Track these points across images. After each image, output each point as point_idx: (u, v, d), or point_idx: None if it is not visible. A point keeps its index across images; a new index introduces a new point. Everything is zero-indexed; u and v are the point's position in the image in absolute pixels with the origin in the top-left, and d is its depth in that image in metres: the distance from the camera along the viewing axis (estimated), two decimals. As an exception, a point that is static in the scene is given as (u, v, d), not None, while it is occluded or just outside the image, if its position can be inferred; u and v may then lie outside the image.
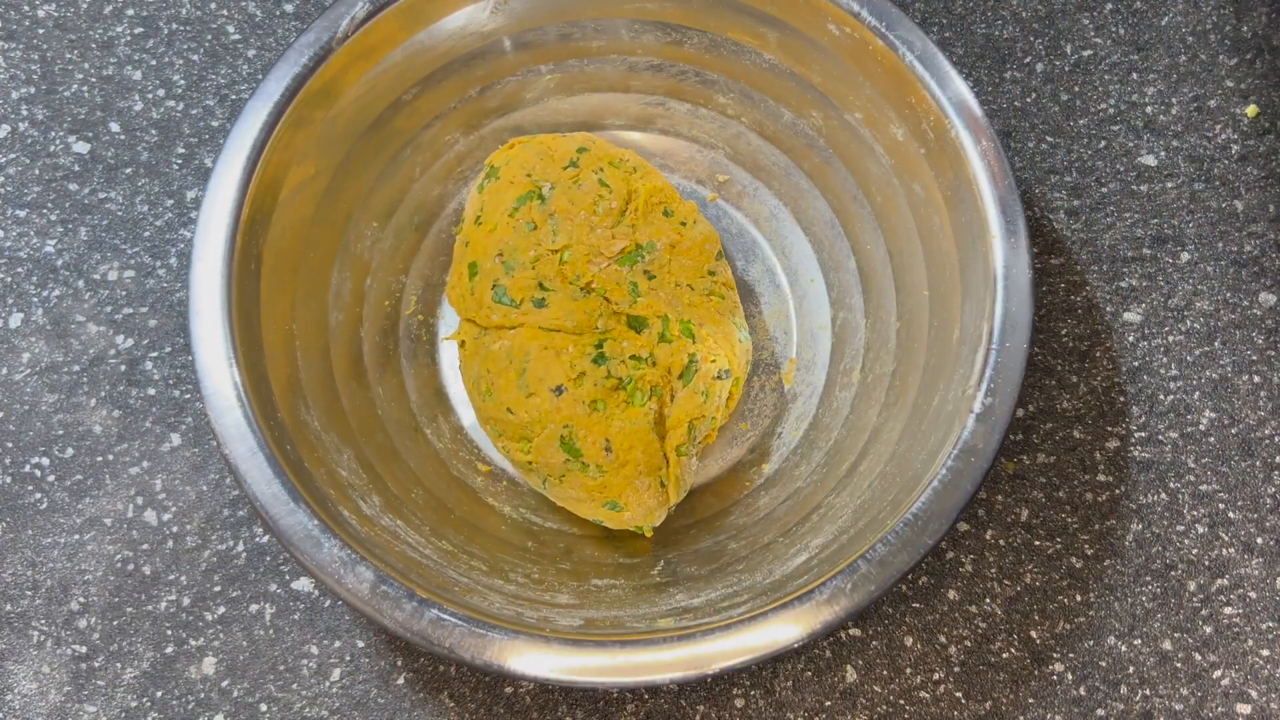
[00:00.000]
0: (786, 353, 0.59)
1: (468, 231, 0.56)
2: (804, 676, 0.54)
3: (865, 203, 0.57)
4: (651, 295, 0.54)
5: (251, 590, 0.55)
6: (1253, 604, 0.55)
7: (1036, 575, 0.55)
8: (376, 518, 0.50)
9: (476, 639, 0.45)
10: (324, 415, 0.53)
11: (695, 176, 0.62)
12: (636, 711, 0.53)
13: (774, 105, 0.59)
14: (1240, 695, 0.53)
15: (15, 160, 0.62)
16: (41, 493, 0.57)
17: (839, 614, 0.45)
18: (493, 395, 0.53)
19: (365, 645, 0.55)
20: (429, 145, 0.59)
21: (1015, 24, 0.65)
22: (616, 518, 0.53)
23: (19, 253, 0.61)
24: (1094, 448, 0.57)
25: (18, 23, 0.65)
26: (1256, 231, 0.60)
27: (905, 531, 0.46)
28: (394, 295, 0.59)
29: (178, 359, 0.59)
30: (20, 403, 0.58)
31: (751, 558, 0.52)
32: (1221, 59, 0.63)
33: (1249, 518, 0.56)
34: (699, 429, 0.54)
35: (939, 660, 0.54)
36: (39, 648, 0.54)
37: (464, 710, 0.54)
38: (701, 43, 0.58)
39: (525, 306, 0.53)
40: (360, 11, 0.53)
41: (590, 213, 0.54)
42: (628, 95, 0.61)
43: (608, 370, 0.52)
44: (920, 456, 0.49)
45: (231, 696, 0.54)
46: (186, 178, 0.62)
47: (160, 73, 0.64)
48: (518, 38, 0.58)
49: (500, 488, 0.57)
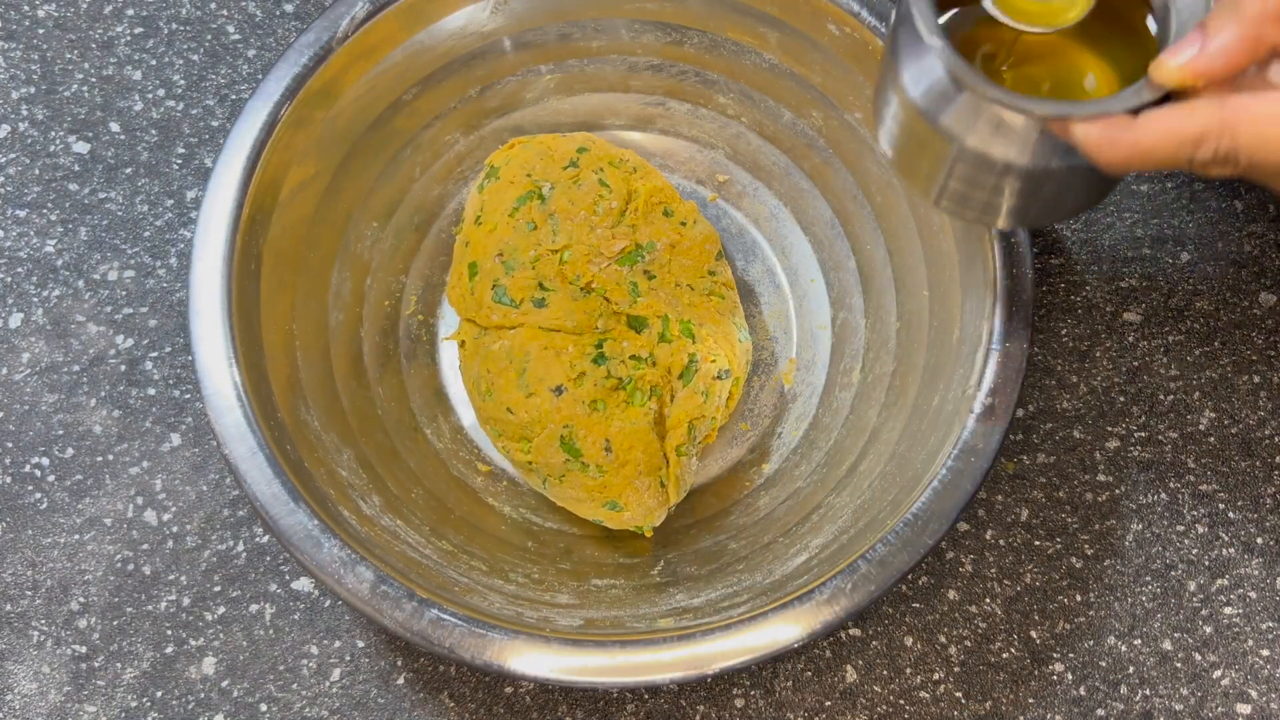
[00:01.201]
0: (786, 353, 0.59)
1: (468, 231, 0.56)
2: (804, 676, 0.54)
3: (865, 203, 0.57)
4: (651, 295, 0.54)
5: (251, 590, 0.55)
6: (1253, 604, 0.55)
7: (1036, 575, 0.55)
8: (376, 518, 0.50)
9: (476, 639, 0.45)
10: (324, 415, 0.53)
11: (695, 176, 0.62)
12: (636, 711, 0.53)
13: (774, 105, 0.59)
14: (1240, 695, 0.53)
15: (15, 160, 0.62)
16: (41, 493, 0.57)
17: (839, 614, 0.45)
18: (493, 395, 0.53)
19: (365, 645, 0.55)
20: (429, 145, 0.59)
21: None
22: (616, 518, 0.53)
23: (19, 253, 0.61)
24: (1094, 448, 0.57)
25: (18, 23, 0.65)
26: (1256, 231, 0.60)
27: (905, 531, 0.46)
28: (394, 295, 0.59)
29: (178, 359, 0.59)
30: (20, 403, 0.58)
31: (751, 558, 0.52)
32: (1221, 59, 0.63)
33: (1249, 518, 0.56)
34: (699, 429, 0.54)
35: (939, 660, 0.54)
36: (39, 648, 0.54)
37: (464, 710, 0.54)
38: (701, 43, 0.58)
39: (525, 306, 0.53)
40: (360, 11, 0.53)
41: (590, 213, 0.54)
42: (628, 95, 0.61)
43: (608, 370, 0.52)
44: (920, 456, 0.49)
45: (231, 696, 0.54)
46: (186, 178, 0.62)
47: (160, 73, 0.64)
48: (518, 38, 0.58)
49: (500, 488, 0.57)
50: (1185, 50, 0.36)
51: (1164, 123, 0.36)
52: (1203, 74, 0.36)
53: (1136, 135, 0.36)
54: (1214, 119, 0.35)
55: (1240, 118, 0.35)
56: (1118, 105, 0.37)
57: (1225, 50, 0.35)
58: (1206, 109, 0.35)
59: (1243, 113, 0.35)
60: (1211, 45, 0.35)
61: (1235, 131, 0.35)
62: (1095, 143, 0.37)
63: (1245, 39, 0.35)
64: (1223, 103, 0.35)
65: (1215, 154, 0.36)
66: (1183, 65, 0.36)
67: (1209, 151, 0.36)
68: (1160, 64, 0.36)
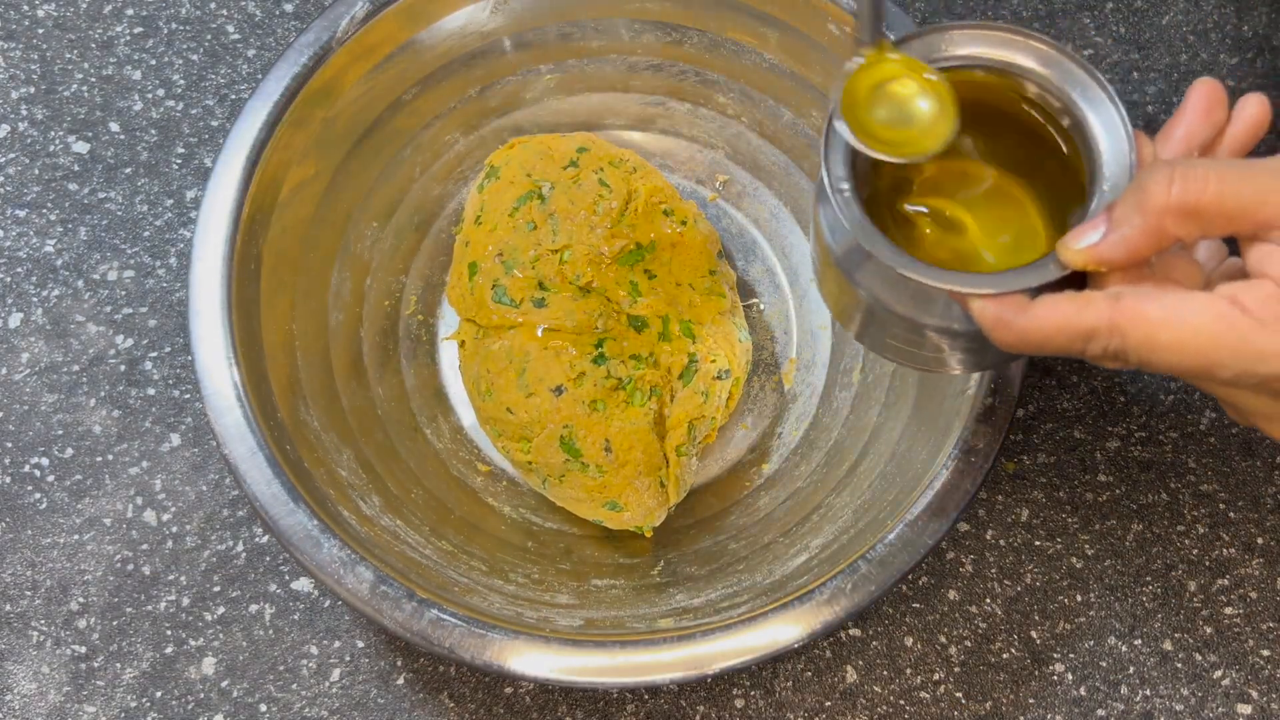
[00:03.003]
0: (786, 353, 0.59)
1: (468, 231, 0.56)
2: (804, 676, 0.54)
3: (865, 202, 0.57)
4: (651, 295, 0.54)
5: (251, 590, 0.55)
6: (1253, 604, 0.55)
7: (1037, 575, 0.55)
8: (376, 518, 0.50)
9: (476, 639, 0.45)
10: (324, 415, 0.53)
11: (695, 176, 0.62)
12: (636, 711, 0.53)
13: (774, 105, 0.59)
14: (1241, 695, 0.53)
15: (15, 160, 0.62)
16: (41, 493, 0.57)
17: (839, 614, 0.45)
18: (492, 395, 0.53)
19: (365, 645, 0.55)
20: (429, 145, 0.59)
21: (1016, 23, 0.65)
22: (616, 518, 0.53)
23: (19, 252, 0.61)
24: (1094, 448, 0.57)
25: (17, 23, 0.65)
26: (1257, 231, 0.60)
27: (905, 531, 0.46)
28: (394, 295, 0.59)
29: (177, 359, 0.59)
30: (20, 403, 0.58)
31: (751, 558, 0.52)
32: (1223, 58, 0.63)
33: (1249, 518, 0.56)
34: (699, 429, 0.54)
35: (939, 660, 0.54)
36: (38, 648, 0.54)
37: (464, 710, 0.54)
38: (701, 43, 0.58)
39: (525, 306, 0.53)
40: (360, 11, 0.53)
41: (590, 212, 0.54)
42: (628, 95, 0.61)
43: (608, 370, 0.52)
44: (920, 456, 0.49)
45: (231, 697, 0.54)
46: (186, 177, 0.62)
47: (160, 72, 0.64)
48: (518, 38, 0.58)
49: (500, 488, 0.57)
50: (1089, 234, 0.36)
51: (1057, 315, 0.35)
52: (1105, 261, 0.35)
53: (1028, 323, 0.36)
54: (1104, 317, 0.35)
55: (1130, 318, 0.34)
56: (1018, 282, 0.36)
57: (1127, 240, 0.35)
58: (1100, 304, 0.35)
59: (1133, 314, 0.34)
60: (1113, 235, 0.35)
61: (1125, 332, 0.35)
62: (990, 323, 0.36)
63: (1147, 230, 0.35)
64: (1117, 300, 0.35)
65: (1105, 350, 0.35)
66: (1084, 251, 0.36)
67: (1099, 347, 0.35)
68: (1065, 245, 0.36)
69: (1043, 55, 0.39)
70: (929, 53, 0.40)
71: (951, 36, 0.40)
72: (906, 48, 0.39)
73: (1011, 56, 0.39)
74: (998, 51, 0.40)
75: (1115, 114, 0.38)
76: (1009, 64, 0.39)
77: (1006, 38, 0.39)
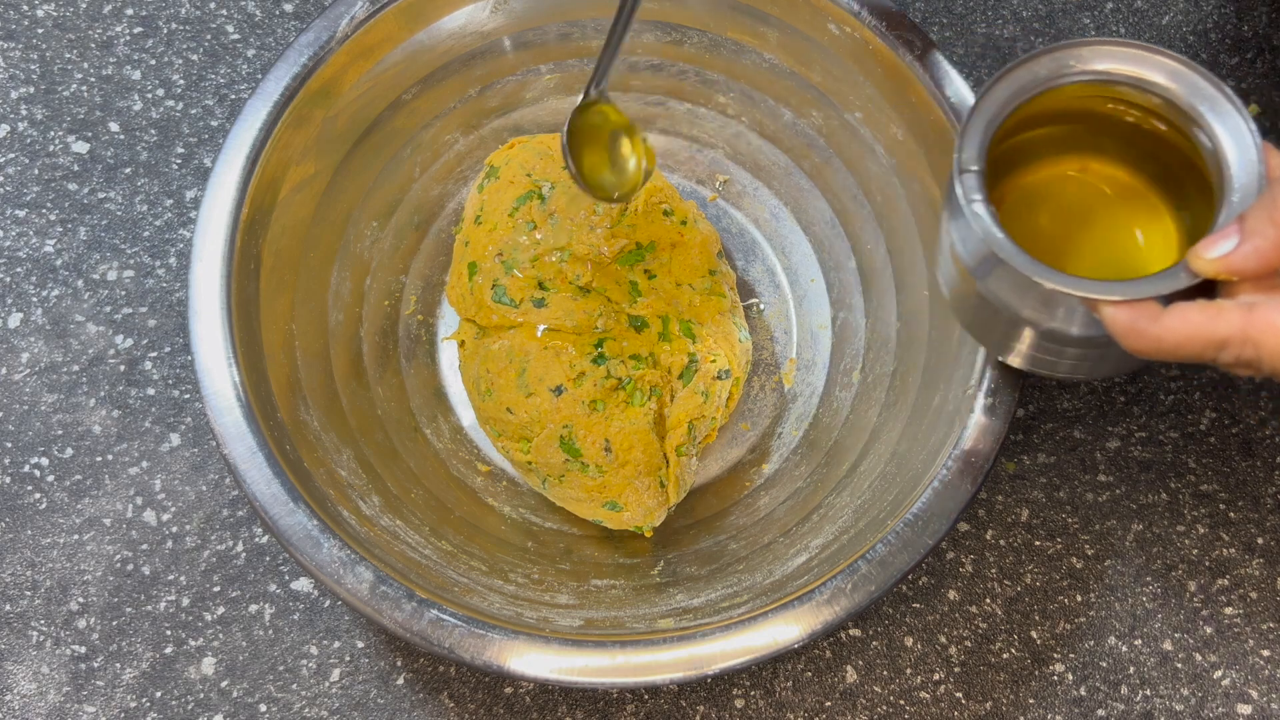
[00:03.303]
0: (786, 353, 0.59)
1: (467, 231, 0.56)
2: (804, 676, 0.54)
3: (865, 202, 0.57)
4: (651, 295, 0.54)
5: (251, 590, 0.55)
6: (1253, 604, 0.55)
7: (1037, 575, 0.55)
8: (376, 518, 0.50)
9: (476, 639, 0.45)
10: (324, 415, 0.53)
11: (695, 176, 0.62)
12: (636, 712, 0.53)
13: (774, 105, 0.59)
14: (1241, 696, 0.53)
15: (14, 160, 0.62)
16: (41, 493, 0.57)
17: (839, 614, 0.45)
18: (492, 395, 0.53)
19: (365, 645, 0.55)
20: (429, 145, 0.59)
21: (1016, 23, 0.65)
22: (616, 518, 0.53)
23: (18, 252, 0.61)
24: (1094, 448, 0.57)
25: (17, 22, 0.65)
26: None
27: (905, 531, 0.46)
28: (394, 295, 0.59)
29: (177, 359, 0.59)
30: (20, 403, 0.58)
31: (751, 558, 0.52)
32: (1223, 58, 0.63)
33: (1249, 518, 0.56)
34: (699, 429, 0.54)
35: (939, 660, 0.54)
36: (38, 648, 0.54)
37: (464, 710, 0.54)
38: (701, 43, 0.58)
39: (525, 306, 0.53)
40: (360, 11, 0.53)
41: (590, 213, 0.54)
42: (628, 95, 0.61)
43: (607, 370, 0.52)
44: (920, 456, 0.49)
45: (231, 697, 0.54)
46: (186, 177, 0.62)
47: (160, 72, 0.64)
48: (518, 37, 0.58)
49: (500, 488, 0.57)
50: (1222, 244, 0.36)
51: (1189, 323, 0.36)
52: (1236, 271, 0.36)
53: (1161, 330, 0.36)
54: (1237, 326, 0.35)
55: (1264, 328, 0.35)
56: (1150, 289, 0.37)
57: (1260, 251, 0.35)
58: (1233, 314, 0.35)
59: (1267, 324, 0.35)
60: (1246, 245, 0.35)
61: (1259, 341, 0.35)
62: (1122, 329, 0.37)
63: None
64: (1250, 310, 0.35)
65: (1238, 359, 0.36)
66: (1217, 260, 0.36)
67: (1231, 356, 0.36)
68: (1197, 254, 0.36)
69: (1170, 69, 0.40)
70: (1060, 69, 0.41)
71: (1081, 53, 0.41)
72: (1037, 64, 0.41)
73: (1140, 71, 0.40)
74: (1127, 67, 0.41)
75: (1243, 125, 0.39)
76: (1138, 78, 0.40)
77: (1135, 53, 0.40)
